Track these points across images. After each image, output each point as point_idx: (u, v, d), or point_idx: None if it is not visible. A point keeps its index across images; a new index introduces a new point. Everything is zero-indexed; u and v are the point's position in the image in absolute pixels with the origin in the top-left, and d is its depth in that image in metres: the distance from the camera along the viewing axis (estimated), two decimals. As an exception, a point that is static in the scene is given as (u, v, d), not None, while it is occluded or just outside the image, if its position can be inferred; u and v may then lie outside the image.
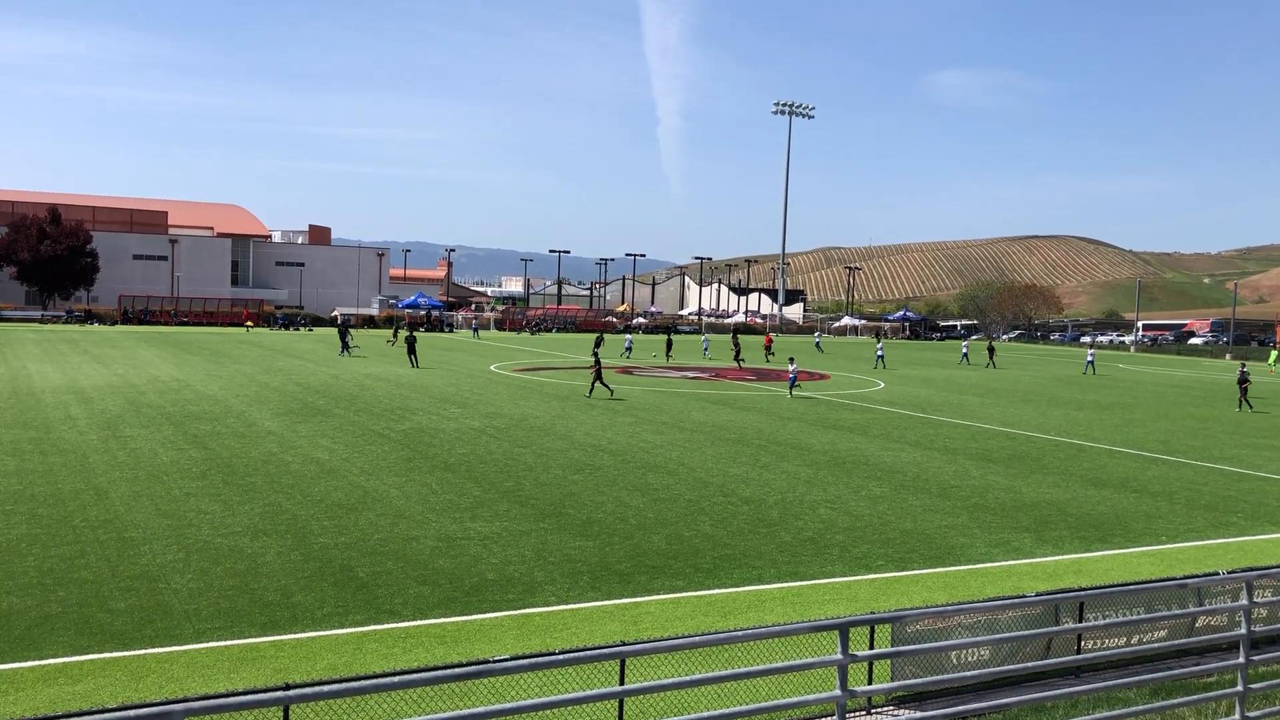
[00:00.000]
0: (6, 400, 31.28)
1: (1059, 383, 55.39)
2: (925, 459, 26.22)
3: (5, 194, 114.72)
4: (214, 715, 5.71)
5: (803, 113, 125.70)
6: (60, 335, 67.45)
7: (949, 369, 63.08)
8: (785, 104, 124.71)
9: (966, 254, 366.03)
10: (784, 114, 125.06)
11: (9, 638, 11.47)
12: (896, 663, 10.32)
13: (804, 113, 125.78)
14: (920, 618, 9.91)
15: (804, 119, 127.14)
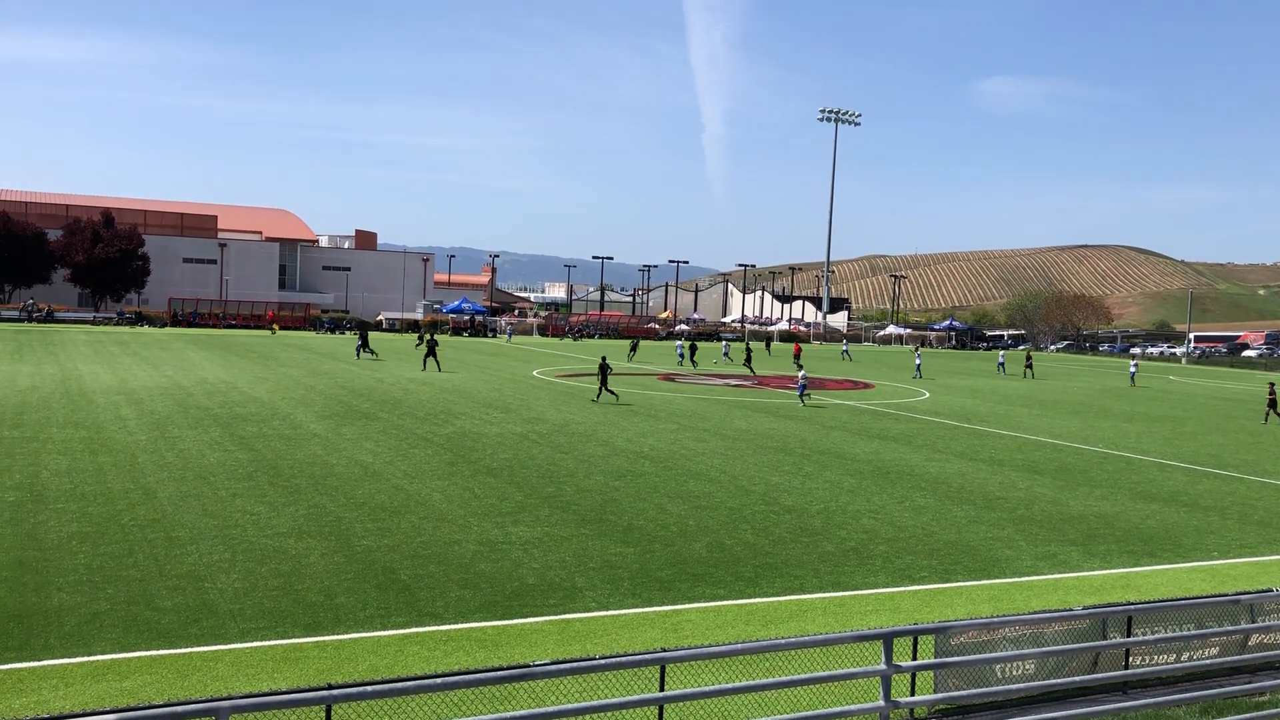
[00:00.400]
0: (59, 400, 31.85)
1: (1107, 394, 54.63)
2: (970, 470, 25.95)
3: (60, 198, 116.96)
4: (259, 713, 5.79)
5: (849, 120, 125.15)
6: (111, 337, 68.59)
7: (991, 379, 62.41)
8: (831, 111, 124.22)
9: (1014, 263, 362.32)
10: (830, 121, 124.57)
11: (59, 633, 11.66)
12: (940, 675, 10.20)
13: (850, 120, 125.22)
14: (965, 630, 9.80)
15: (850, 126, 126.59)
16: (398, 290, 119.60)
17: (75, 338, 65.45)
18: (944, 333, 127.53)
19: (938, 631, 9.50)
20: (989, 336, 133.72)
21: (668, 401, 39.50)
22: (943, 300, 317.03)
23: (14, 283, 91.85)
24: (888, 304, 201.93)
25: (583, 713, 6.83)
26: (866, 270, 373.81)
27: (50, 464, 21.33)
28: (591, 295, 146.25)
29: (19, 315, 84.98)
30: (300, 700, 6.86)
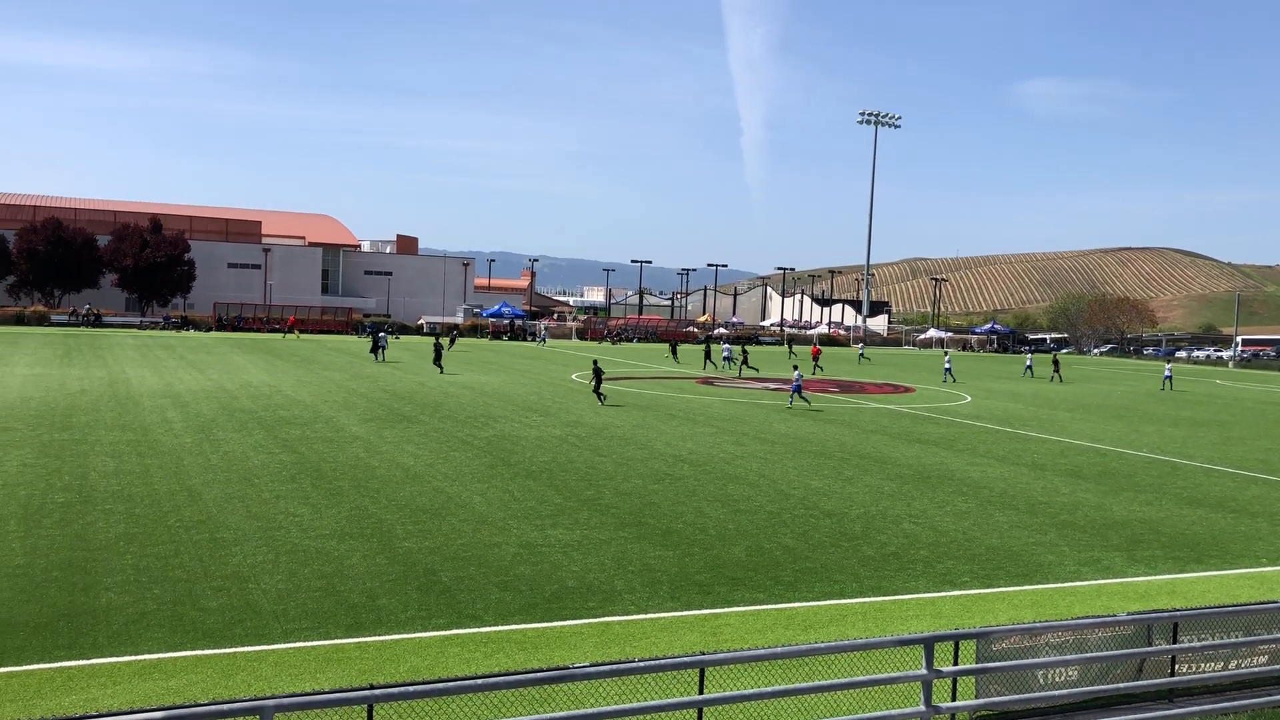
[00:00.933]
0: (107, 403, 32.37)
1: (1151, 398, 53.90)
2: (1012, 474, 25.71)
3: (109, 204, 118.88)
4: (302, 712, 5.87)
5: (889, 122, 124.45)
6: (158, 341, 69.59)
7: (1031, 382, 61.75)
8: (871, 113, 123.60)
9: (1056, 266, 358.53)
10: (869, 124, 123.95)
11: (107, 632, 11.85)
12: (981, 680, 10.12)
13: (890, 122, 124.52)
14: (1007, 635, 9.72)
15: (890, 128, 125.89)
16: (438, 295, 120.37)
17: (123, 342, 66.47)
18: (985, 336, 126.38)
19: (979, 636, 9.44)
20: (1031, 340, 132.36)
21: (706, 405, 39.47)
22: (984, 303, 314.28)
23: (64, 287, 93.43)
24: (928, 307, 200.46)
25: (622, 714, 6.86)
26: (907, 273, 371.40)
27: (98, 466, 21.69)
28: (630, 299, 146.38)
29: (70, 320, 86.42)
30: (343, 700, 6.94)
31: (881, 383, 56.38)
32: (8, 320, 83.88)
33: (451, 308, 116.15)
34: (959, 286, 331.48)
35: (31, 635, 11.66)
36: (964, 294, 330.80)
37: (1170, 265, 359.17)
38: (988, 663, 9.70)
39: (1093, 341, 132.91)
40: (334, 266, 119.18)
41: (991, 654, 10.02)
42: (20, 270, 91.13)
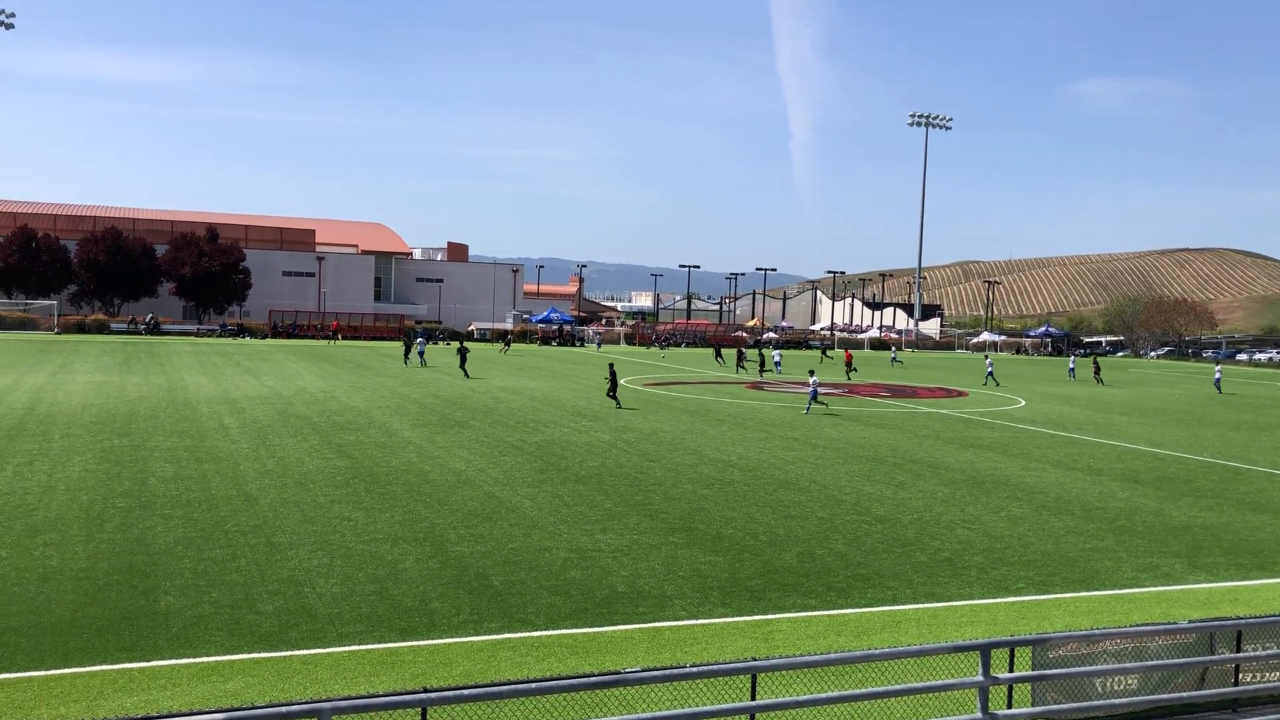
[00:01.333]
0: (165, 410, 32.95)
1: (1211, 402, 52.87)
2: (1068, 479, 25.34)
3: (166, 214, 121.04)
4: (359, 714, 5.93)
5: (940, 124, 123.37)
6: (214, 348, 70.73)
7: (1077, 385, 60.80)
8: (921, 115, 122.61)
9: (1112, 268, 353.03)
10: (920, 125, 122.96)
11: (166, 635, 12.06)
12: (1037, 688, 9.97)
13: (941, 124, 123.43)
14: (1064, 642, 9.57)
15: (941, 130, 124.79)
16: (488, 301, 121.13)
17: (180, 349, 67.63)
18: (1039, 339, 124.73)
19: (1036, 643, 9.31)
20: (1086, 343, 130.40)
21: (755, 410, 39.34)
22: (1038, 306, 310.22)
23: (123, 296, 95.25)
24: (981, 310, 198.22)
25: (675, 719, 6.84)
26: (959, 276, 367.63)
27: (157, 471, 22.07)
28: (678, 304, 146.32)
29: (133, 327, 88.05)
30: (398, 703, 7.00)
31: (934, 387, 55.84)
32: (69, 329, 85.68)
33: (501, 314, 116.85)
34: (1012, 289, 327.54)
35: (95, 637, 11.90)
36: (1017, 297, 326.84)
37: (1230, 266, 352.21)
38: (1045, 670, 9.56)
39: (1149, 344, 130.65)
40: (386, 274, 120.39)
41: (1048, 661, 9.87)
42: (81, 279, 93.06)
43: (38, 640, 11.74)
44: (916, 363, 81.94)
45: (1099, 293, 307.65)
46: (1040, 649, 9.77)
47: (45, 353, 59.03)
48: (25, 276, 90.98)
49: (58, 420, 29.58)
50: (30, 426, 28.11)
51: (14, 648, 11.48)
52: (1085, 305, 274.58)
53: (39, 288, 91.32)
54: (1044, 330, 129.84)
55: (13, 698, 10.21)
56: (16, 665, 11.01)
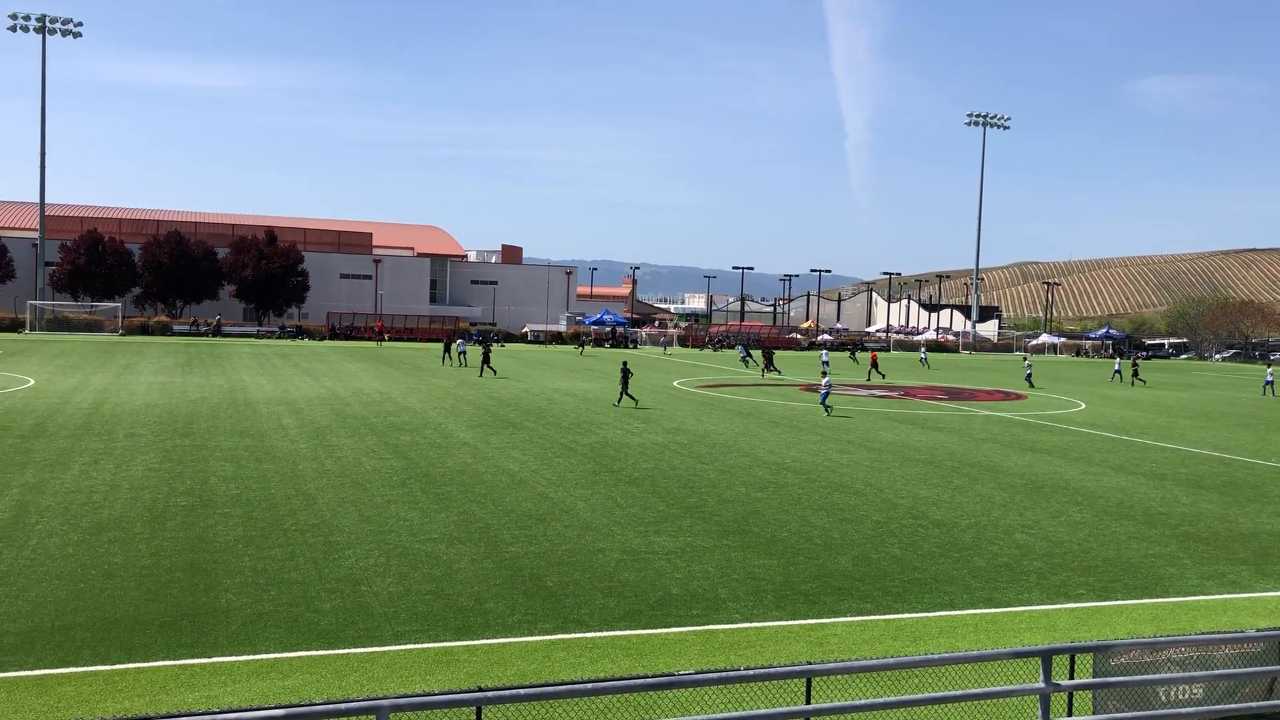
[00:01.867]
0: (226, 410, 33.50)
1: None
2: (1130, 484, 24.88)
3: (227, 218, 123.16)
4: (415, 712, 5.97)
5: (997, 124, 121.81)
6: (274, 350, 71.80)
7: (1136, 389, 59.65)
8: (979, 115, 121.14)
9: (1174, 269, 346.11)
10: (978, 125, 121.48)
11: (227, 632, 12.24)
12: (1099, 695, 9.80)
13: (999, 124, 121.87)
14: (1127, 649, 9.39)
15: (999, 130, 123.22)
16: (542, 303, 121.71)
17: (240, 350, 68.74)
18: (1100, 341, 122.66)
19: (1098, 650, 9.14)
20: (1148, 345, 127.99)
21: (810, 412, 39.09)
22: (1098, 308, 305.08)
23: (185, 298, 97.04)
24: (1040, 312, 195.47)
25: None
26: (1017, 277, 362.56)
27: (218, 470, 22.45)
28: (731, 306, 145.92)
29: (199, 330, 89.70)
30: (454, 701, 7.04)
31: (992, 390, 55.14)
32: (133, 330, 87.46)
33: (555, 316, 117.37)
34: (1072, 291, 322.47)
35: (157, 633, 12.11)
36: (1077, 299, 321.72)
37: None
38: (1107, 677, 9.39)
39: (1214, 347, 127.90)
40: (442, 276, 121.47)
41: (1110, 669, 9.69)
42: (145, 282, 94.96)
43: (103, 635, 11.98)
44: (963, 365, 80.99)
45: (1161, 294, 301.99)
46: (1102, 656, 9.59)
47: (110, 354, 60.31)
48: (92, 279, 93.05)
49: (122, 420, 30.20)
50: (96, 426, 28.73)
51: (80, 642, 11.73)
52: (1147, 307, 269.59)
53: (105, 290, 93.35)
54: (1104, 332, 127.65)
55: (79, 691, 10.42)
56: (83, 660, 11.25)
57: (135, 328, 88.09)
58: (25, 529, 16.72)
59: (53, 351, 61.01)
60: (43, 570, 14.44)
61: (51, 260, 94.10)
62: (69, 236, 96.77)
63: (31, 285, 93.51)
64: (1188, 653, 9.97)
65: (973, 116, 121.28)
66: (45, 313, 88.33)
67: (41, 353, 59.50)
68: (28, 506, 18.34)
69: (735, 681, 6.38)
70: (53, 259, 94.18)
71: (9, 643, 11.65)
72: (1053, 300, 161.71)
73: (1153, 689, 9.85)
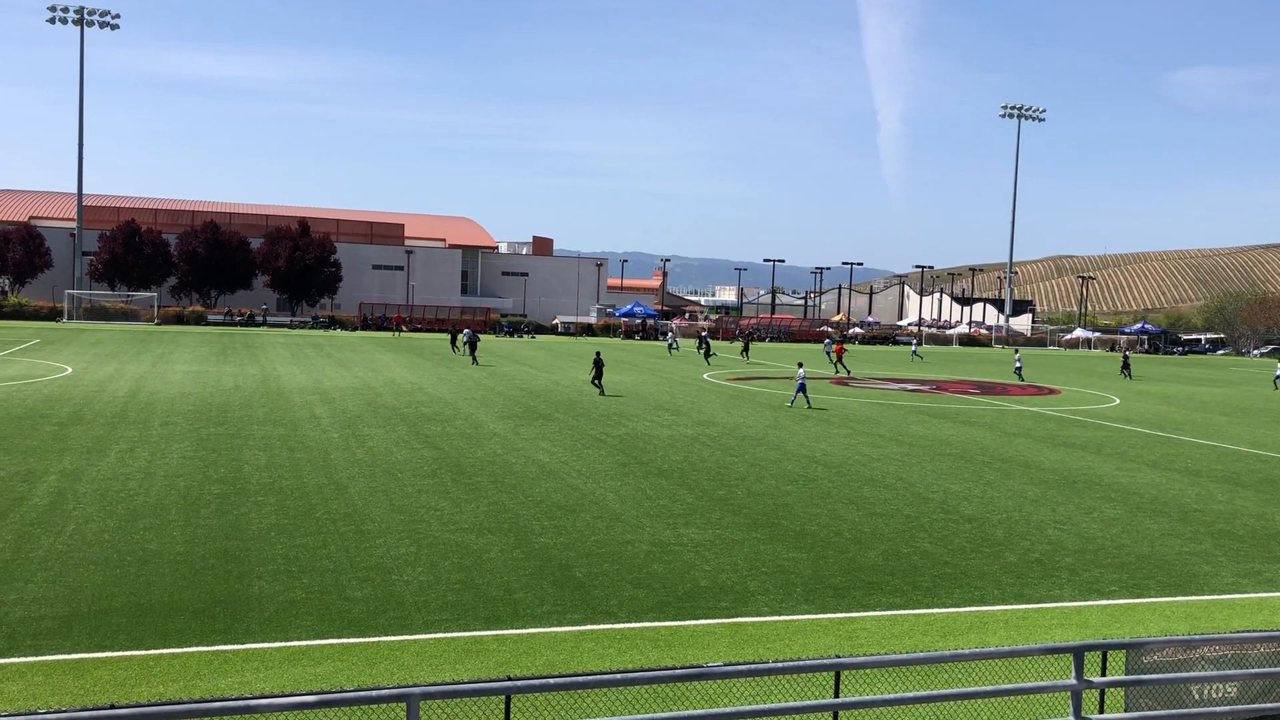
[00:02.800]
0: (259, 399, 33.80)
1: (1319, 402, 50.85)
2: (1164, 480, 24.62)
3: (261, 208, 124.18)
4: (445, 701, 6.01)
5: (1033, 115, 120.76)
6: (306, 340, 72.35)
7: (1195, 385, 58.99)
8: (1014, 107, 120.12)
9: (1212, 263, 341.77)
10: (1012, 117, 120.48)
11: (260, 619, 12.37)
12: (1131, 693, 9.71)
13: (1034, 115, 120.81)
14: (1161, 647, 9.30)
15: (1034, 122, 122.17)
16: (572, 295, 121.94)
17: (273, 341, 69.32)
18: (1135, 336, 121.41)
19: (1130, 647, 9.06)
20: (1185, 340, 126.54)
21: (840, 406, 38.97)
22: (1134, 302, 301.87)
23: (219, 288, 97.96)
24: (1074, 306, 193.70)
25: (758, 715, 6.82)
26: (1052, 271, 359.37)
27: (251, 459, 22.66)
28: (763, 298, 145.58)
29: (232, 319, 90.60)
30: (483, 690, 7.08)
31: (1025, 384, 54.73)
32: (168, 320, 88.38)
33: (585, 308, 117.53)
34: (1107, 285, 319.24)
35: (191, 619, 12.26)
36: (1112, 293, 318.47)
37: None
38: (1140, 674, 9.30)
39: (1252, 342, 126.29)
40: (473, 267, 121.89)
41: (1143, 666, 9.61)
42: (181, 272, 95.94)
43: (138, 621, 12.14)
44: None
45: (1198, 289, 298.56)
46: (1135, 653, 9.51)
47: (146, 343, 60.99)
48: (128, 269, 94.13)
49: (157, 409, 30.54)
50: (131, 415, 29.07)
51: (116, 628, 11.89)
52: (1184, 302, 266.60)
53: (141, 280, 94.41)
54: (1140, 327, 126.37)
55: (115, 675, 10.57)
56: (119, 645, 11.40)
57: (170, 317, 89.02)
58: (63, 515, 16.96)
59: (90, 340, 61.78)
60: (80, 556, 14.64)
61: (89, 250, 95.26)
62: (106, 227, 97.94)
63: (69, 275, 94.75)
64: (1222, 651, 9.87)
65: (1007, 109, 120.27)
66: (83, 302, 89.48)
67: (79, 341, 60.27)
68: (65, 493, 18.60)
69: (764, 674, 6.38)
70: (90, 249, 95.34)
71: (47, 626, 11.83)
72: (1087, 294, 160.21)
73: (1186, 687, 9.76)
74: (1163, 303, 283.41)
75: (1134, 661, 9.59)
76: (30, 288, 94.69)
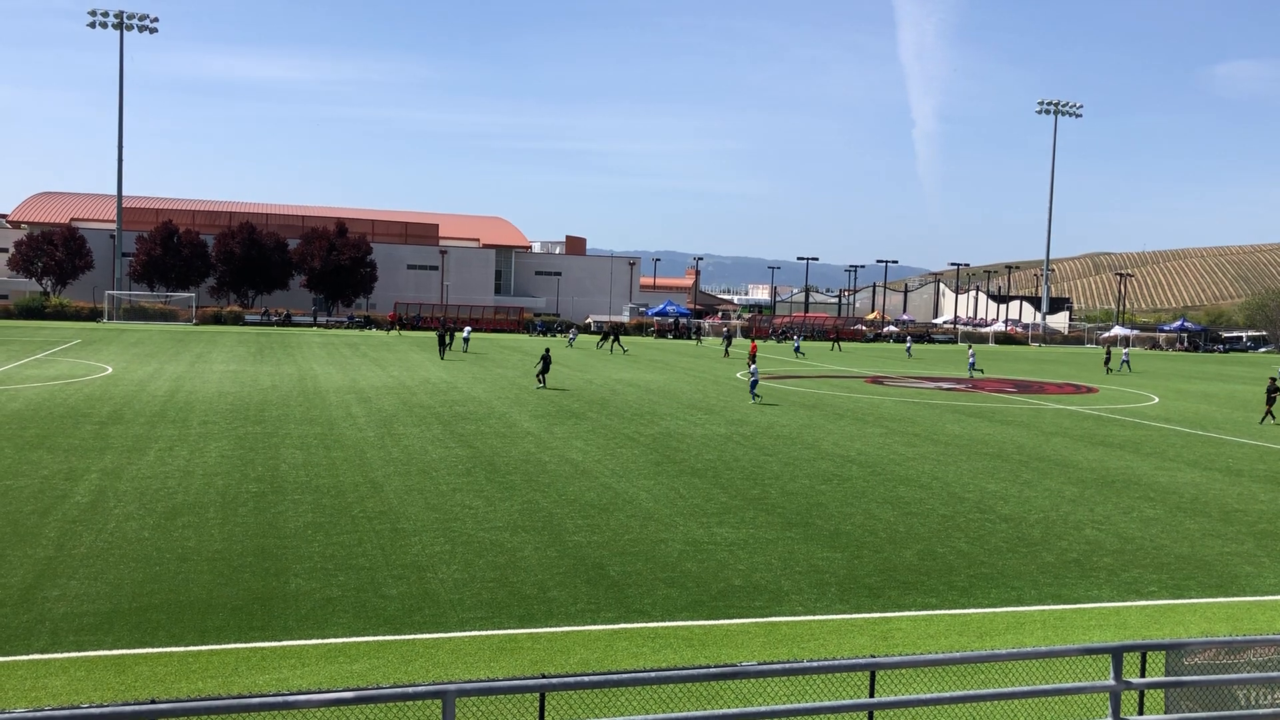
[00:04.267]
0: (296, 399, 34.09)
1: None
2: (1204, 480, 24.30)
3: (297, 209, 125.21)
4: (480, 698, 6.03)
5: (1070, 111, 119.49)
6: (342, 339, 72.88)
7: (1229, 383, 58.18)
8: (1050, 103, 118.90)
9: (1254, 260, 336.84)
10: (1049, 113, 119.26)
11: (297, 616, 12.47)
12: (1171, 696, 9.58)
13: (1071, 111, 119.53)
14: (1204, 648, 9.17)
15: (1071, 118, 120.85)
16: (605, 294, 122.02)
17: (310, 340, 69.88)
18: (1174, 334, 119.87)
19: (1171, 648, 8.95)
20: (1226, 338, 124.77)
21: (875, 405, 38.75)
22: (1173, 300, 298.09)
23: (256, 288, 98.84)
24: (1112, 304, 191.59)
25: (791, 714, 6.79)
26: (1089, 269, 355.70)
27: (288, 458, 22.85)
28: (796, 297, 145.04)
29: (268, 319, 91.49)
30: (518, 687, 7.11)
31: (1062, 382, 54.21)
32: (206, 320, 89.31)
33: (618, 307, 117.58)
34: (1145, 282, 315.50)
35: (230, 616, 12.38)
36: (1151, 290, 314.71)
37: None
38: (1180, 676, 9.18)
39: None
40: (506, 267, 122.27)
41: (1183, 668, 9.47)
42: (219, 272, 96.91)
43: (177, 618, 12.28)
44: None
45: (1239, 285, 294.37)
46: (1175, 654, 9.37)
47: (184, 343, 61.68)
48: (167, 270, 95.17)
49: (196, 408, 30.88)
50: (171, 414, 29.41)
51: (155, 624, 12.03)
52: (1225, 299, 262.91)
53: (179, 280, 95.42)
54: (1179, 324, 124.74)
55: (154, 671, 10.69)
56: (158, 641, 11.54)
57: (208, 317, 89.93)
58: (104, 513, 17.18)
59: (130, 340, 62.56)
60: (120, 553, 14.83)
61: (129, 251, 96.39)
62: (145, 228, 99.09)
63: (110, 275, 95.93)
64: (1268, 654, 9.71)
65: (1044, 104, 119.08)
66: (122, 302, 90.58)
67: (119, 341, 61.05)
68: (106, 491, 18.84)
69: (798, 673, 6.35)
70: (130, 250, 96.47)
71: (89, 623, 11.99)
72: (1125, 292, 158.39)
73: (1230, 691, 9.61)
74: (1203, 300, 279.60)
75: (1174, 663, 9.46)
76: (71, 289, 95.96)
